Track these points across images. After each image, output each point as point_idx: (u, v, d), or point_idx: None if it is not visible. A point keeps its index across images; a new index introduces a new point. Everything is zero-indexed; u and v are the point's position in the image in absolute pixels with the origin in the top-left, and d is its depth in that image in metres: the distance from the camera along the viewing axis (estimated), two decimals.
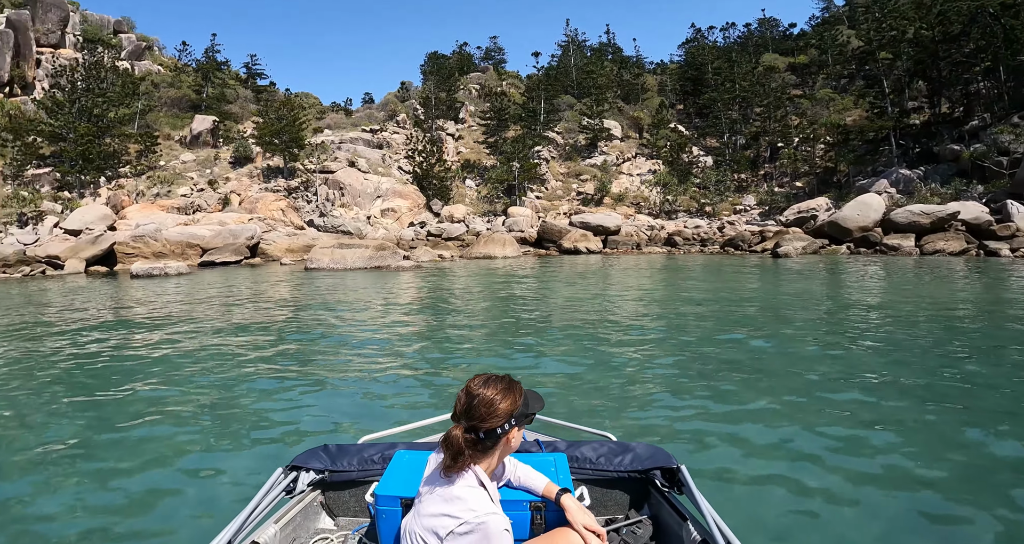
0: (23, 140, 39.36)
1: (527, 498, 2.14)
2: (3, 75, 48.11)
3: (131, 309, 14.37)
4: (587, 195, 46.56)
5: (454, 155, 52.18)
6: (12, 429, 5.52)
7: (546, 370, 7.33)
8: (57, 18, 54.18)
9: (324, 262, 25.70)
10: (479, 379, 1.91)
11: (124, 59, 56.05)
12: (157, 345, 9.52)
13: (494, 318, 11.82)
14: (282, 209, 39.10)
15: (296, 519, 2.35)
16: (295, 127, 43.88)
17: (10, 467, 4.59)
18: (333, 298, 16.06)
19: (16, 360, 8.65)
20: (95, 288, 20.39)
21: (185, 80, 54.99)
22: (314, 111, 58.18)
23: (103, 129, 41.47)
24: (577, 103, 58.84)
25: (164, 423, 5.54)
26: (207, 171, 43.50)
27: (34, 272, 26.94)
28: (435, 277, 21.70)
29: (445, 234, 38.37)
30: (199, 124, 47.87)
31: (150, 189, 39.73)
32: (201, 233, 31.58)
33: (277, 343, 9.56)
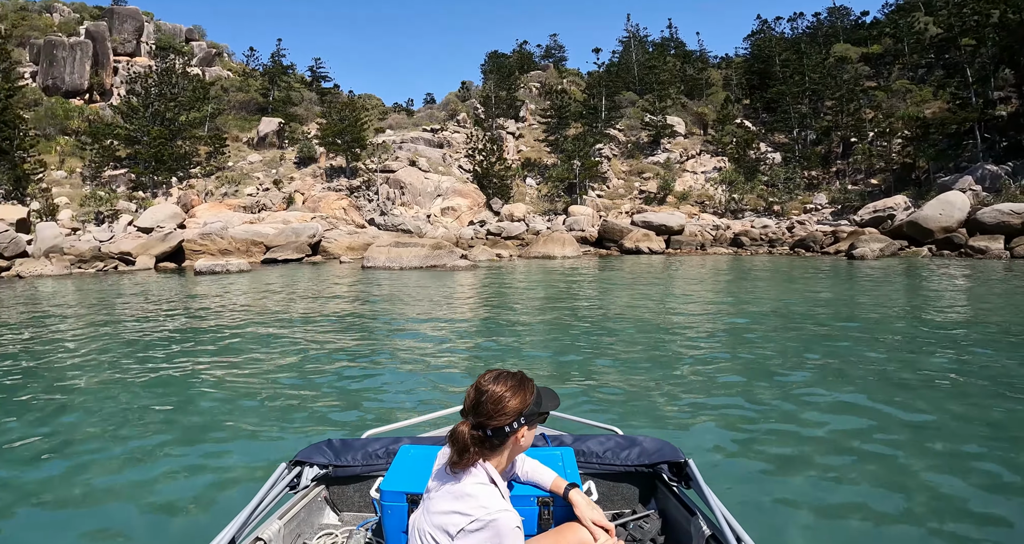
0: (101, 143, 41.31)
1: (534, 493, 2.13)
2: (83, 83, 50.66)
3: (191, 303, 15.19)
4: (650, 193, 45.46)
5: (514, 154, 51.83)
6: (94, 404, 6.35)
7: (597, 378, 6.88)
8: (132, 28, 56.88)
9: (380, 260, 25.66)
10: (490, 375, 1.87)
11: (195, 65, 58.13)
12: (214, 336, 10.24)
13: (545, 321, 11.24)
14: (344, 208, 39.56)
15: (300, 514, 2.33)
16: (357, 127, 44.40)
17: (92, 432, 5.44)
18: (381, 294, 16.09)
19: (96, 343, 9.75)
20: (162, 283, 21.24)
21: (253, 84, 56.55)
22: (376, 112, 58.89)
23: (175, 132, 42.92)
24: (639, 100, 57.58)
25: (225, 399, 6.35)
26: (273, 171, 44.47)
27: (107, 268, 27.86)
28: (490, 277, 21.13)
29: (505, 233, 38.01)
30: (265, 126, 49.09)
31: (218, 189, 40.84)
32: (265, 231, 32.20)
33: (321, 337, 9.84)
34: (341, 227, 36.51)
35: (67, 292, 18.94)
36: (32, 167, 38.34)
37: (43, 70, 50.74)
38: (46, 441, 5.24)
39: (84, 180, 40.71)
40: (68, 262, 27.55)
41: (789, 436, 4.82)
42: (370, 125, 48.97)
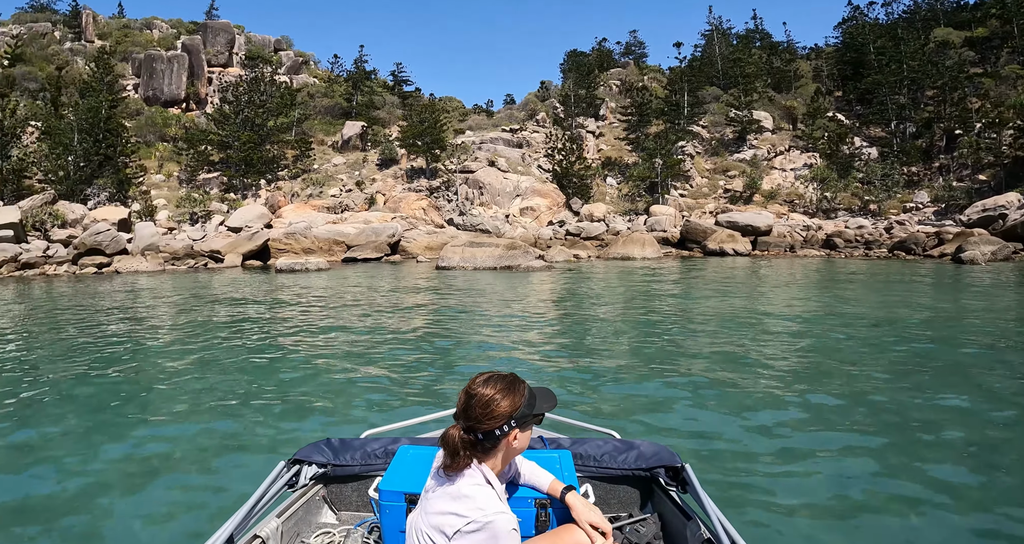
0: (196, 149, 43.43)
1: (532, 495, 2.13)
2: (180, 93, 53.45)
3: (266, 297, 16.07)
4: (735, 192, 43.69)
5: (594, 153, 51.03)
6: (183, 380, 7.20)
7: (664, 393, 6.28)
8: (225, 41, 59.74)
9: (454, 260, 25.45)
10: (480, 377, 1.85)
11: (283, 74, 60.27)
12: (279, 327, 10.90)
13: (615, 327, 10.47)
14: (423, 208, 39.86)
15: (298, 513, 2.33)
16: (437, 129, 44.80)
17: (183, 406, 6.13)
18: (445, 294, 15.73)
19: (187, 331, 10.80)
20: (244, 280, 22.19)
21: (337, 90, 58.14)
22: (457, 114, 59.43)
23: (264, 137, 44.53)
24: (723, 94, 55.61)
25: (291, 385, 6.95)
26: (356, 173, 45.43)
27: (197, 265, 29.08)
28: (564, 279, 20.35)
29: (584, 233, 37.30)
30: (349, 130, 50.32)
31: (304, 190, 42.03)
32: (347, 231, 32.79)
33: (377, 336, 9.89)
34: (420, 227, 36.76)
35: (155, 286, 20.42)
36: (134, 171, 40.83)
37: (144, 82, 53.84)
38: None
39: (180, 183, 42.83)
40: (162, 259, 28.99)
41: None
42: (449, 126, 49.35)
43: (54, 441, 5.26)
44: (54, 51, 57.97)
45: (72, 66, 53.68)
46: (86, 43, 60.51)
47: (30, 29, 62.64)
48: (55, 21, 66.51)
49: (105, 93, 42.63)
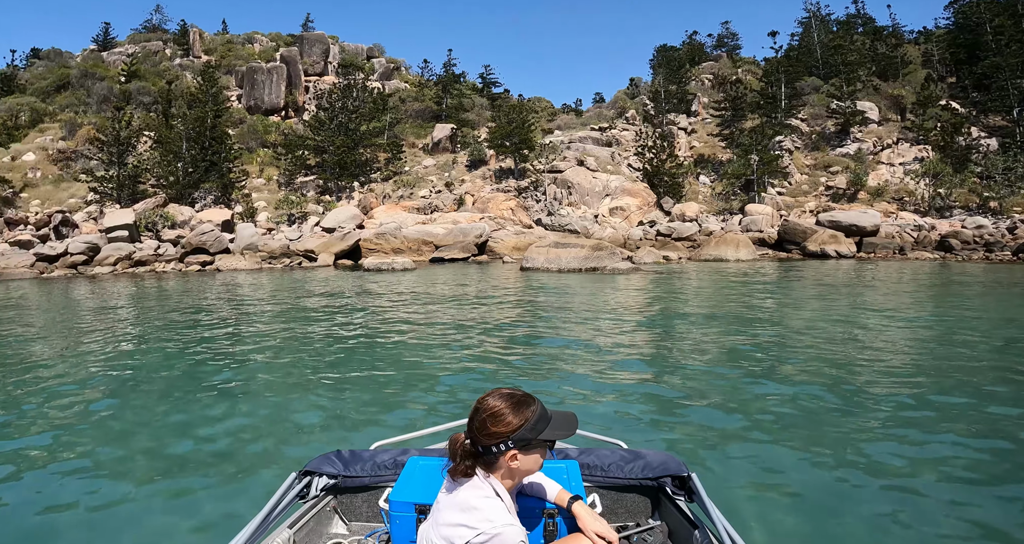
0: (294, 154, 45.04)
1: (539, 505, 2.13)
2: (279, 101, 55.71)
3: (348, 295, 16.50)
4: (838, 189, 41.14)
5: (686, 150, 49.47)
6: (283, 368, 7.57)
7: (743, 428, 5.26)
8: (320, 51, 62.10)
9: (539, 261, 24.76)
10: (496, 391, 1.86)
11: (375, 80, 61.88)
12: (354, 321, 11.37)
13: (698, 341, 9.25)
14: (511, 208, 39.64)
15: (309, 524, 2.36)
16: (524, 129, 44.58)
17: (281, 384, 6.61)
18: (522, 295, 15.20)
19: (283, 323, 11.43)
20: (334, 278, 22.64)
21: (427, 93, 59.18)
22: (545, 113, 59.23)
23: (357, 141, 45.65)
24: (824, 85, 52.69)
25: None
26: (445, 174, 45.85)
27: (292, 264, 30.04)
28: (652, 282, 19.10)
29: (675, 234, 35.95)
30: (439, 132, 50.93)
31: (395, 191, 42.72)
32: (436, 231, 32.96)
33: (447, 337, 9.59)
34: (508, 227, 36.54)
35: (251, 283, 21.45)
36: (237, 176, 42.82)
37: (246, 92, 56.47)
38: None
39: (279, 186, 44.49)
40: (259, 258, 30.15)
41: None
42: (538, 126, 49.08)
43: (143, 413, 5.73)
44: (165, 67, 61.88)
45: (181, 80, 56.87)
46: (194, 59, 64.17)
47: (144, 48, 67.55)
48: (166, 40, 71.53)
49: (210, 104, 44.81)
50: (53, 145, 47.39)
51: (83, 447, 4.94)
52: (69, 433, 5.28)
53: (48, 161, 45.82)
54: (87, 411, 5.95)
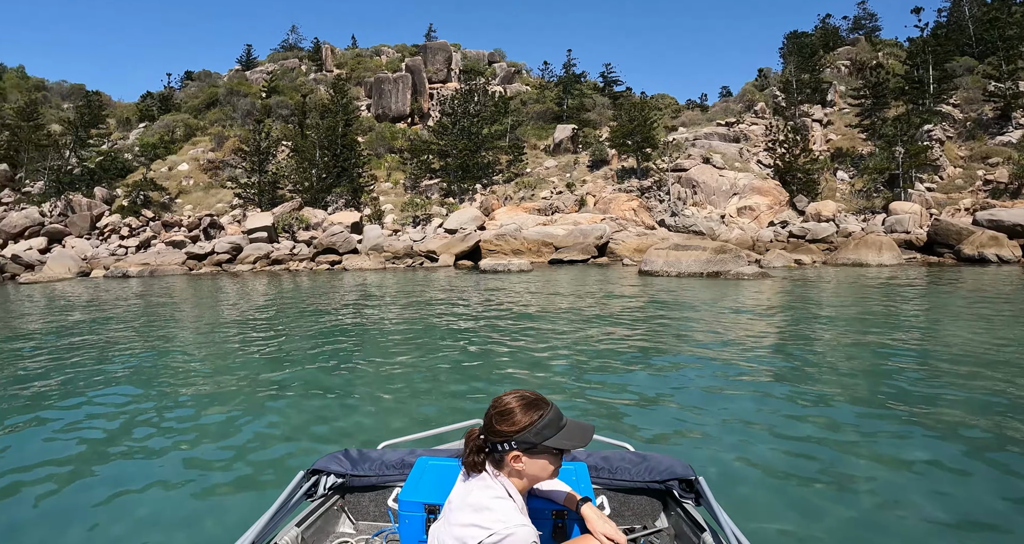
0: (419, 158, 46.52)
1: (549, 506, 2.15)
2: (405, 109, 57.57)
3: (463, 295, 16.71)
4: (998, 184, 36.60)
5: (822, 143, 46.19)
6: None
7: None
8: (443, 59, 63.66)
9: (658, 264, 23.33)
10: (515, 391, 1.87)
11: (497, 84, 62.64)
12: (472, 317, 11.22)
13: (825, 364, 7.55)
14: (634, 209, 38.57)
15: (317, 523, 2.36)
16: (647, 127, 43.35)
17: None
18: (631, 300, 14.03)
19: (404, 317, 12.17)
20: (451, 278, 22.98)
21: (548, 95, 59.07)
22: (669, 110, 57.46)
23: (479, 144, 46.22)
24: (978, 65, 47.40)
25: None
26: (566, 175, 45.42)
27: (414, 264, 30.77)
28: (781, 289, 16.98)
29: (810, 235, 33.31)
30: (560, 133, 50.60)
31: (516, 193, 42.78)
32: (556, 232, 32.55)
33: (550, 341, 9.46)
34: (630, 228, 35.51)
35: (373, 281, 22.31)
36: (366, 181, 44.75)
37: (375, 102, 58.85)
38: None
39: (405, 189, 45.87)
40: (383, 258, 31.14)
41: None
42: (660, 124, 47.61)
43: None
44: (301, 82, 65.71)
45: (315, 93, 60.17)
46: (326, 73, 67.76)
47: (282, 65, 72.46)
48: (301, 57, 76.43)
49: (341, 114, 47.05)
50: (204, 156, 51.48)
51: (236, 423, 5.41)
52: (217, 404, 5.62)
53: (199, 170, 49.85)
54: (226, 387, 6.56)
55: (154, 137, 55.30)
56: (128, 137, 58.44)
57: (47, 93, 66.27)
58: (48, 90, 67.85)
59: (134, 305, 16.18)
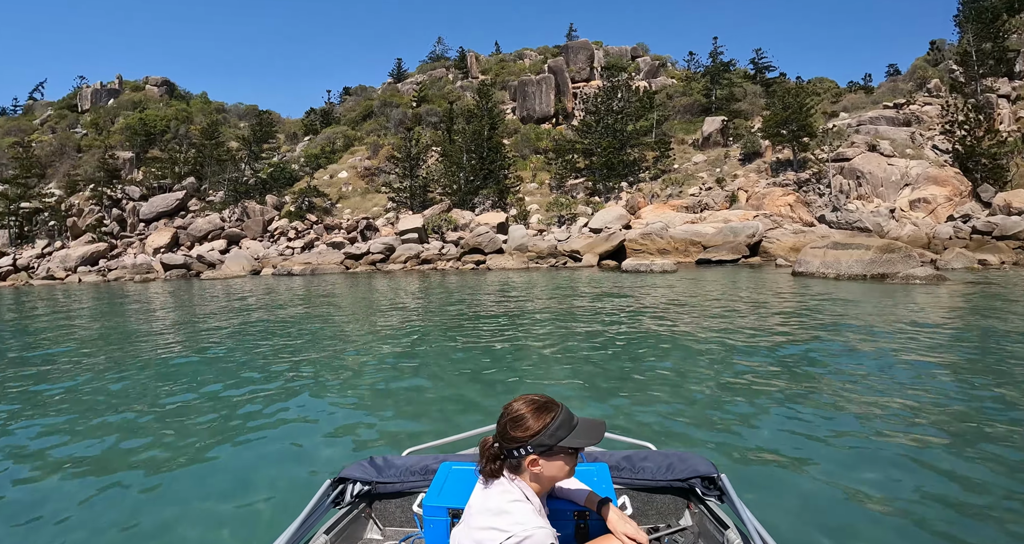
0: (563, 158, 46.65)
1: (571, 507, 2.16)
2: (549, 110, 57.89)
3: (599, 294, 16.58)
4: None
5: (1010, 122, 40.82)
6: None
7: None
8: (585, 57, 63.54)
9: (813, 265, 20.99)
10: (522, 396, 1.90)
11: (641, 79, 61.42)
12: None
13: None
14: (790, 204, 36.14)
15: (345, 530, 2.39)
16: (803, 114, 40.43)
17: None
18: (786, 306, 12.19)
19: (548, 316, 12.03)
20: (591, 278, 22.62)
21: (695, 87, 57.06)
22: (828, 95, 53.42)
23: (624, 141, 45.49)
24: None
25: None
26: (716, 170, 43.50)
27: (557, 264, 30.78)
28: (959, 297, 13.87)
29: (998, 231, 28.57)
30: (709, 126, 48.58)
31: (663, 190, 41.59)
32: (704, 231, 31.19)
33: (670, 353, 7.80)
34: (786, 226, 33.24)
35: (512, 280, 22.56)
36: (511, 182, 45.59)
37: (519, 104, 59.71)
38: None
39: (551, 189, 46.10)
40: (527, 258, 31.42)
41: None
42: (819, 110, 44.32)
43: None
44: (449, 90, 68.14)
45: (461, 99, 62.14)
46: (472, 79, 69.80)
47: (430, 76, 75.84)
48: (448, 66, 79.63)
49: (486, 118, 48.16)
50: (361, 164, 54.74)
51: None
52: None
53: (357, 177, 53.10)
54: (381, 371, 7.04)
55: (317, 148, 59.74)
56: (295, 149, 63.48)
57: (226, 114, 73.88)
58: (227, 112, 75.69)
59: (297, 296, 18.41)
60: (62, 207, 52.38)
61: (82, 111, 75.82)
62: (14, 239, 51.12)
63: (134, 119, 64.17)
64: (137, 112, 67.19)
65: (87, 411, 5.83)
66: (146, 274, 39.31)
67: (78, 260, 43.47)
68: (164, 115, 66.28)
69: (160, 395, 6.64)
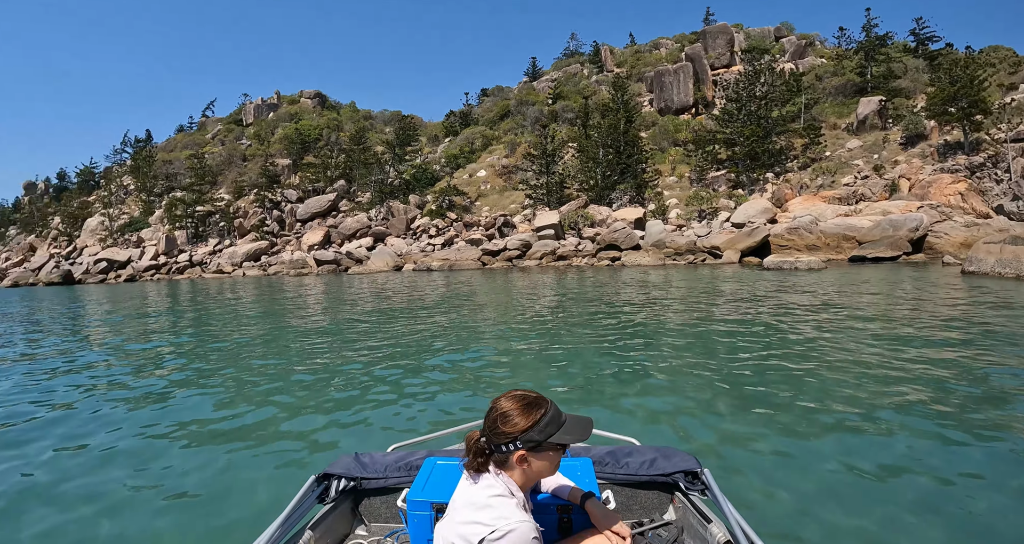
0: (704, 149, 45.05)
1: (554, 502, 2.18)
2: (688, 99, 56.17)
3: (734, 295, 15.06)
4: None
5: None
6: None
7: None
8: (724, 42, 61.15)
9: (987, 264, 18.15)
10: (510, 392, 1.91)
11: (786, 60, 58.08)
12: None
13: None
14: (960, 193, 32.66)
15: (329, 526, 2.40)
16: (975, 88, 36.30)
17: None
18: (946, 319, 9.58)
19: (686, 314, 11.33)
20: (728, 275, 21.36)
21: (847, 65, 53.06)
22: (1006, 65, 47.64)
23: (768, 129, 43.21)
24: None
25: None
26: (873, 156, 40.25)
27: (696, 260, 29.91)
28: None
29: None
30: (864, 107, 44.93)
31: (813, 181, 39.06)
32: (859, 224, 28.80)
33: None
34: (956, 218, 30.04)
35: (648, 278, 21.88)
36: (650, 176, 44.85)
37: (656, 95, 58.42)
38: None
39: (691, 183, 44.75)
40: (663, 254, 30.79)
41: None
42: (993, 83, 39.67)
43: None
44: (584, 85, 68.08)
45: (597, 94, 61.77)
46: (607, 73, 69.30)
47: (565, 72, 76.28)
48: (582, 61, 79.83)
49: (622, 111, 47.53)
50: (498, 162, 56.00)
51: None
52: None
53: (495, 175, 54.40)
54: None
55: (456, 149, 61.89)
56: (436, 151, 66.13)
57: (372, 121, 78.71)
58: (373, 118, 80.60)
59: (438, 290, 19.37)
60: (230, 210, 58.40)
61: (246, 125, 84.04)
62: (191, 238, 57.86)
63: (291, 129, 69.93)
64: (293, 123, 73.16)
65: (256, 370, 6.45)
66: (301, 269, 43.16)
67: (243, 256, 48.82)
68: (317, 124, 71.67)
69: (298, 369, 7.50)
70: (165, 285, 37.75)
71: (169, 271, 51.30)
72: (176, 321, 14.85)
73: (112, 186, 73.06)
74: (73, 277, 51.80)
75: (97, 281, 51.13)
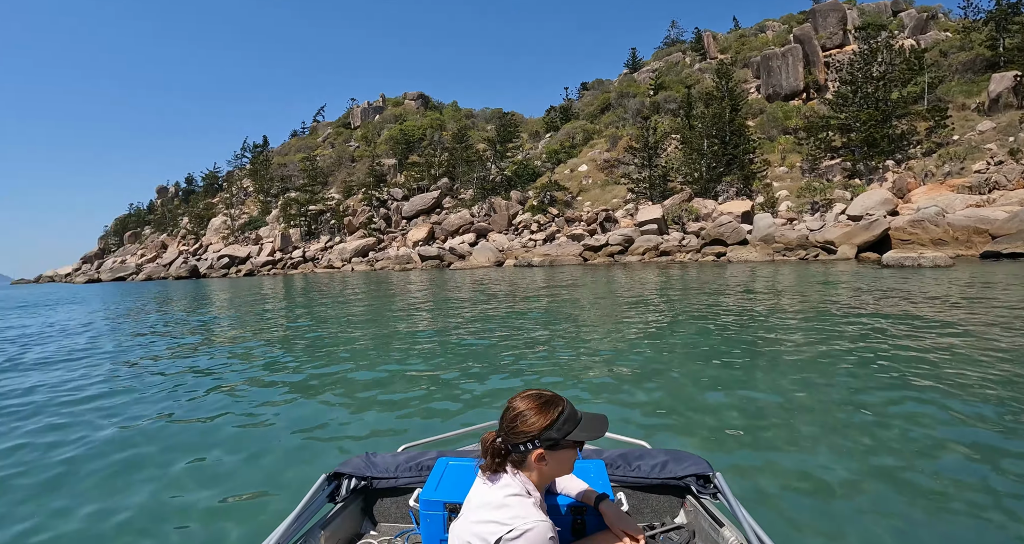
0: (816, 136, 42.65)
1: (568, 503, 2.18)
2: (798, 84, 53.60)
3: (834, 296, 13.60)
4: None
5: None
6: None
7: None
8: (836, 20, 57.94)
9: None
10: (526, 391, 1.92)
11: (906, 36, 54.30)
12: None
13: None
14: None
15: (340, 525, 2.40)
16: None
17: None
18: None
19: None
20: (842, 274, 19.75)
21: (976, 38, 48.49)
22: None
23: (888, 113, 40.56)
24: None
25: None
26: (1009, 139, 36.95)
27: (807, 256, 28.52)
28: None
29: None
30: (997, 84, 41.16)
31: (940, 168, 36.31)
32: (993, 216, 26.33)
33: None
34: None
35: (753, 275, 20.86)
36: (758, 166, 43.10)
37: (764, 81, 56.11)
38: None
39: (803, 173, 42.67)
40: (772, 250, 29.49)
41: None
42: None
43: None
44: (686, 74, 66.40)
45: (700, 83, 60.02)
46: (710, 60, 67.25)
47: (666, 62, 74.76)
48: (684, 49, 77.90)
49: (727, 99, 45.91)
50: (600, 156, 55.66)
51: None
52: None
53: (596, 169, 54.14)
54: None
55: (557, 144, 62.03)
56: (537, 147, 66.53)
57: (474, 119, 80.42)
58: (475, 117, 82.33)
59: (537, 286, 19.43)
60: (340, 208, 61.56)
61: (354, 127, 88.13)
62: (304, 235, 61.50)
63: (396, 130, 72.56)
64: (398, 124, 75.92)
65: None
66: (406, 264, 44.91)
67: (352, 252, 51.62)
68: (420, 125, 73.99)
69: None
70: (280, 279, 40.85)
71: (284, 266, 54.90)
72: (293, 312, 16.45)
73: (233, 188, 78.89)
74: (199, 272, 56.53)
75: (220, 275, 55.64)
